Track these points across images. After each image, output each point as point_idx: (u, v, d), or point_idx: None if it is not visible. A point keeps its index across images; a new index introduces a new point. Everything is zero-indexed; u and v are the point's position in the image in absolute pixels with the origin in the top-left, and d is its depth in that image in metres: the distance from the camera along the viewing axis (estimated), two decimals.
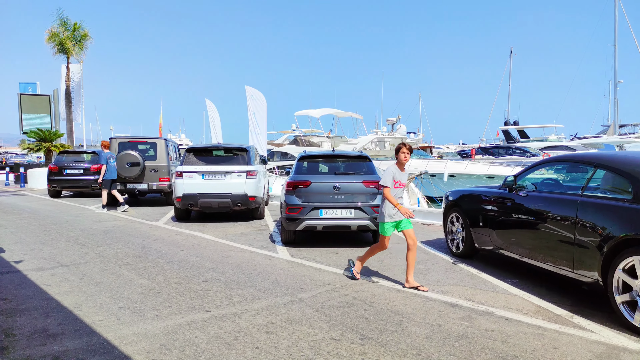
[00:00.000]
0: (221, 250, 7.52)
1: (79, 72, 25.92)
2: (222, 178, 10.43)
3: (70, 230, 9.41)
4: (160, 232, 9.32)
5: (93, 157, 17.14)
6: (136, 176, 13.44)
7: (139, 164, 13.38)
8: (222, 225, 10.27)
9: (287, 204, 7.58)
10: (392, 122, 22.58)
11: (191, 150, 10.80)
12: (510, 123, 55.50)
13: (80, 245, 7.91)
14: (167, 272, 6.11)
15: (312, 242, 8.26)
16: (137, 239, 8.52)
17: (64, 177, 16.25)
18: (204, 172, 10.39)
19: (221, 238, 8.67)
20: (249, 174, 10.54)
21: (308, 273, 6.07)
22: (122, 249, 7.56)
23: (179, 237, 8.76)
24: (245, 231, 9.47)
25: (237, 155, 10.80)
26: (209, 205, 10.37)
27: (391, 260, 6.90)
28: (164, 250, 7.48)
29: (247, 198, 10.47)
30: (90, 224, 10.28)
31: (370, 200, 7.51)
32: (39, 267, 6.35)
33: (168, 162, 14.01)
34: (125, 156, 13.34)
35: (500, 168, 25.18)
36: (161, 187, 13.74)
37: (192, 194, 10.31)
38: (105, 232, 9.19)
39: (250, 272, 6.13)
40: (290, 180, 7.68)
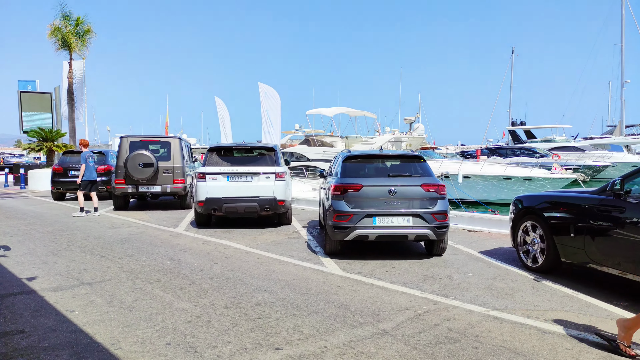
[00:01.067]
0: (260, 264, 6.61)
1: (81, 69, 24.93)
2: (249, 180, 9.52)
3: (84, 239, 8.48)
4: (184, 240, 8.40)
5: (99, 157, 16.18)
6: (149, 178, 12.51)
7: (152, 165, 12.45)
8: (249, 232, 9.36)
9: (334, 211, 6.68)
10: (410, 121, 21.70)
11: (214, 150, 9.88)
12: (517, 123, 54.78)
13: (99, 257, 6.99)
14: (209, 292, 5.20)
15: (359, 252, 7.37)
16: (160, 249, 7.60)
17: (70, 179, 15.30)
18: (229, 173, 9.48)
19: (254, 247, 7.76)
20: (277, 176, 9.63)
21: (375, 294, 5.17)
22: (147, 262, 6.65)
23: (206, 246, 7.85)
24: (278, 239, 8.56)
25: (265, 156, 9.89)
26: (234, 210, 9.45)
27: (460, 275, 6.01)
28: (196, 264, 6.57)
29: (276, 202, 9.56)
30: (104, 231, 9.35)
31: (430, 206, 6.62)
32: (57, 285, 5.43)
33: (183, 163, 13.09)
34: (138, 156, 12.40)
35: (517, 169, 24.38)
36: (175, 189, 12.82)
37: (217, 198, 9.39)
38: (123, 241, 8.26)
39: (305, 292, 5.23)
40: (337, 184, 6.78)
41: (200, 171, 9.56)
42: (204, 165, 9.69)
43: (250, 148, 10.11)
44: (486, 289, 5.38)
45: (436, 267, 6.41)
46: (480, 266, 6.48)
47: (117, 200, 12.92)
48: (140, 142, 12.98)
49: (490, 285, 5.51)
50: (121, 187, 12.59)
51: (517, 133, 52.41)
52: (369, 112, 24.21)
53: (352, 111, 24.13)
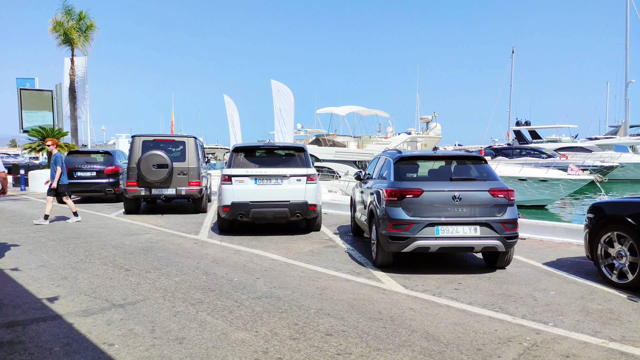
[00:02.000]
0: (308, 279, 5.87)
1: (83, 65, 24.08)
2: (279, 183, 8.78)
3: (101, 248, 7.71)
4: (212, 249, 7.65)
5: (106, 157, 15.39)
6: (163, 180, 11.73)
7: (167, 166, 11.67)
8: (279, 239, 8.61)
9: (390, 219, 5.94)
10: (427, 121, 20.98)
11: (240, 150, 9.12)
12: (522, 123, 54.20)
13: (124, 270, 6.23)
14: (264, 316, 4.46)
15: (412, 265, 6.64)
16: (189, 260, 6.85)
17: (75, 181, 14.48)
18: (257, 176, 8.73)
19: (292, 258, 7.02)
20: (309, 179, 8.89)
21: (459, 319, 4.44)
22: (180, 277, 5.89)
23: (239, 257, 7.10)
24: (314, 248, 7.82)
25: (294, 156, 9.14)
26: (262, 215, 8.71)
27: (541, 294, 5.28)
28: (236, 279, 5.82)
29: (308, 207, 8.82)
30: (120, 239, 8.58)
31: (500, 213, 5.90)
32: (85, 308, 4.67)
33: (199, 164, 12.32)
34: (151, 157, 11.62)
35: (531, 170, 23.71)
36: (191, 192, 12.04)
37: (244, 202, 8.64)
38: (145, 251, 7.50)
39: (375, 316, 4.50)
40: (393, 188, 6.04)
41: (225, 173, 8.80)
42: (229, 166, 8.93)
43: (278, 148, 9.36)
44: (583, 312, 4.67)
45: (509, 284, 5.69)
46: (556, 282, 5.77)
47: (129, 204, 12.14)
48: (154, 142, 12.19)
49: (584, 307, 4.80)
50: (133, 190, 11.80)
51: (522, 133, 51.87)
52: (382, 111, 23.49)
53: (364, 110, 23.38)
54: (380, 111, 23.57)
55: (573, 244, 8.06)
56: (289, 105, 17.99)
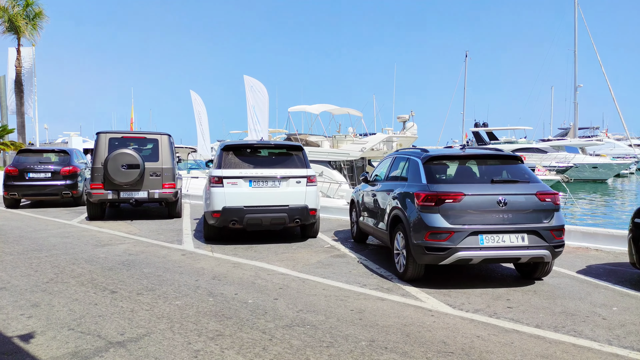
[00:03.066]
0: (334, 298, 5.04)
1: (30, 56, 21.95)
2: (276, 186, 7.87)
3: (72, 262, 6.53)
4: (206, 262, 6.65)
5: (62, 157, 13.84)
6: (134, 182, 10.51)
7: (138, 167, 10.46)
8: (277, 248, 7.71)
9: (427, 227, 5.21)
10: (404, 120, 20.60)
11: (231, 149, 8.12)
12: (480, 124, 55.41)
13: (109, 292, 5.15)
14: (308, 352, 3.59)
15: (439, 277, 5.94)
16: (184, 277, 5.84)
17: (27, 183, 12.90)
18: (252, 177, 7.78)
19: (303, 272, 6.16)
20: (309, 180, 8.04)
21: (544, 350, 3.75)
22: (181, 299, 4.90)
23: (242, 271, 6.15)
24: (321, 258, 6.98)
25: (292, 156, 8.24)
26: (258, 222, 7.77)
27: (603, 310, 4.70)
28: (250, 300, 4.90)
29: (308, 212, 7.97)
30: (92, 250, 7.39)
31: (547, 220, 5.30)
32: (74, 350, 3.62)
33: (173, 165, 11.16)
34: (120, 156, 10.37)
35: None
36: (165, 195, 10.87)
37: (237, 208, 7.67)
38: (126, 265, 6.40)
39: (443, 349, 3.73)
40: (429, 192, 5.31)
41: (215, 175, 7.79)
42: (218, 167, 7.92)
43: (274, 147, 8.44)
44: None
45: (561, 299, 5.08)
46: (608, 295, 5.22)
47: (93, 209, 10.80)
48: (122, 139, 10.93)
49: None
50: (99, 193, 10.51)
51: (480, 134, 53.01)
52: (354, 110, 22.85)
53: (336, 109, 22.69)
54: (353, 110, 22.96)
55: (591, 249, 7.64)
56: (263, 102, 17.01)
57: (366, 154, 19.34)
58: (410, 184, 5.83)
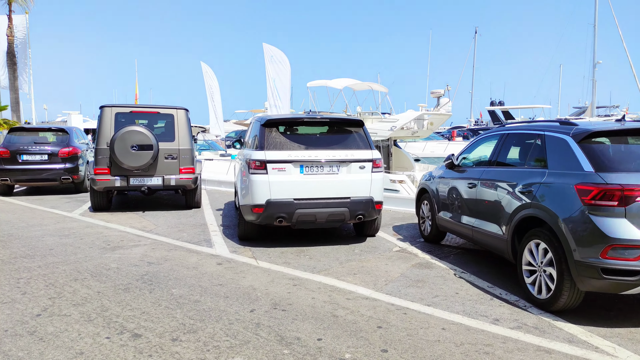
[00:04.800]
0: (471, 349, 3.33)
1: (23, 25, 19.96)
2: (335, 172, 6.11)
3: (74, 278, 4.83)
4: (255, 277, 4.94)
5: (60, 136, 12.05)
6: (146, 166, 8.76)
7: (152, 148, 8.69)
8: (335, 252, 5.99)
9: (607, 238, 3.47)
10: (439, 95, 18.67)
11: (274, 124, 6.32)
12: (496, 103, 53.23)
13: (128, 335, 3.44)
14: None
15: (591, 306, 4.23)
16: (233, 304, 4.13)
17: (20, 167, 11.15)
18: (304, 161, 6.01)
19: (393, 294, 4.45)
20: (375, 165, 6.28)
21: None
22: (243, 351, 3.20)
23: (309, 293, 4.45)
24: (402, 270, 5.27)
25: (352, 133, 6.45)
26: (311, 219, 6.04)
27: None
28: (347, 355, 3.20)
29: (374, 205, 6.24)
30: (100, 257, 5.68)
31: None
32: None
33: (192, 145, 9.39)
34: (130, 135, 8.59)
35: None
36: (183, 181, 9.12)
37: (285, 201, 5.93)
38: (147, 282, 4.69)
39: None
40: (606, 185, 3.56)
41: (257, 158, 6.02)
42: (260, 148, 6.14)
43: (329, 122, 6.64)
44: None
45: None
46: None
47: (98, 198, 9.07)
48: (131, 114, 9.14)
49: None
50: (104, 180, 8.76)
51: (497, 113, 50.94)
52: (379, 85, 20.84)
53: (358, 83, 20.73)
54: (378, 85, 20.99)
55: None
56: (284, 74, 15.13)
57: (396, 134, 17.51)
58: (559, 172, 4.05)
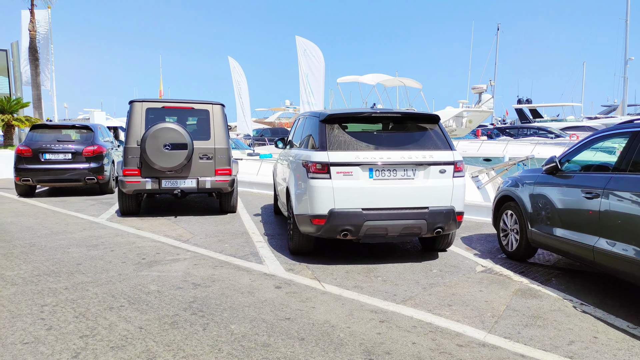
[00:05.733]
0: None
1: (46, 20, 19.40)
2: (410, 177, 5.16)
3: (108, 304, 3.97)
4: (327, 308, 4.02)
5: (84, 134, 11.33)
6: (179, 167, 7.92)
7: (186, 147, 7.85)
8: (409, 271, 5.05)
9: None
10: (481, 91, 17.51)
11: (336, 120, 5.39)
12: (524, 101, 51.50)
13: None
14: None
15: None
16: (314, 350, 3.22)
17: (43, 166, 10.44)
18: (374, 164, 5.07)
19: (513, 339, 3.50)
20: (457, 169, 5.31)
21: None
22: None
23: (404, 335, 3.51)
24: (505, 300, 4.30)
25: (427, 131, 5.48)
26: (382, 232, 5.10)
27: None
28: None
29: (455, 217, 5.26)
30: (134, 274, 4.83)
31: None
32: None
33: (228, 143, 8.53)
34: (162, 132, 7.76)
35: None
36: (219, 184, 8.26)
37: (352, 211, 5.00)
38: (198, 312, 3.81)
39: None
40: None
41: (318, 159, 5.09)
42: (321, 147, 5.21)
43: (399, 117, 5.67)
44: None
45: None
46: None
47: (126, 201, 8.27)
48: (163, 110, 8.31)
49: None
50: (134, 182, 7.94)
51: (524, 111, 49.28)
52: (412, 80, 19.74)
53: (390, 79, 19.68)
54: (411, 80, 19.89)
55: None
56: (318, 69, 14.22)
57: None
58: None
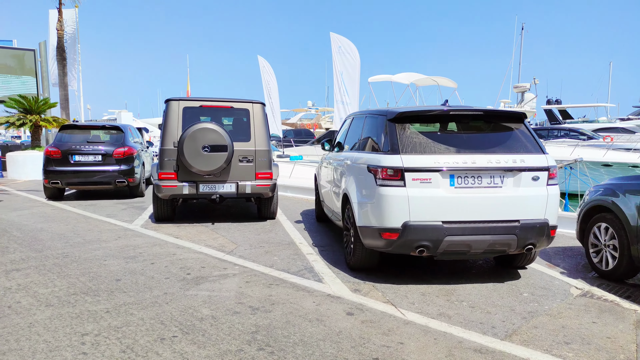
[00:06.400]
0: None
1: (73, 20, 19.17)
2: (497, 184, 4.46)
3: (158, 334, 3.37)
4: (418, 343, 3.36)
5: (114, 135, 10.87)
6: (219, 170, 7.35)
7: (226, 149, 7.28)
8: (487, 293, 4.35)
9: None
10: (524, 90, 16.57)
11: (407, 119, 4.72)
12: (553, 101, 50.02)
13: None
14: None
15: None
16: None
17: (72, 168, 10.00)
18: (455, 170, 4.39)
19: None
20: (550, 175, 4.59)
21: None
22: None
23: None
24: (627, 333, 3.57)
25: (512, 131, 4.77)
26: (464, 249, 4.41)
27: None
28: None
29: (549, 231, 4.54)
30: (181, 293, 4.23)
31: None
32: None
33: (269, 146, 7.94)
34: (201, 134, 7.20)
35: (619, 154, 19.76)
36: (259, 189, 7.67)
37: (431, 225, 4.32)
38: (266, 349, 3.18)
39: None
40: None
41: (390, 164, 4.43)
42: (393, 150, 4.54)
43: (484, 114, 4.96)
44: None
45: None
46: None
47: (162, 207, 7.73)
48: (201, 109, 7.76)
49: None
50: (170, 186, 7.40)
51: (554, 112, 47.83)
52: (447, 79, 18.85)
53: (423, 78, 18.91)
54: (445, 79, 19.02)
55: None
56: (353, 68, 13.56)
57: None
58: None
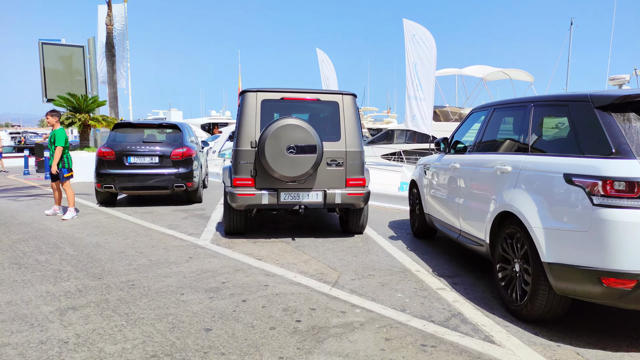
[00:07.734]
0: None
1: (122, 15, 18.49)
2: None
3: None
4: None
5: (171, 134, 9.81)
6: (305, 176, 6.05)
7: (315, 150, 5.97)
8: None
9: None
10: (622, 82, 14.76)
11: (627, 105, 3.27)
12: None
13: None
14: None
15: None
16: None
17: (127, 171, 8.97)
18: None
19: None
20: None
21: None
22: None
23: None
24: None
25: None
26: None
27: None
28: None
29: None
30: (303, 357, 2.92)
31: None
32: None
33: (362, 146, 6.59)
34: (286, 131, 5.92)
35: None
36: (351, 198, 6.33)
37: None
38: None
39: None
40: None
41: (621, 175, 2.98)
42: (620, 152, 3.09)
43: None
44: None
45: None
46: None
47: (235, 219, 6.51)
48: (282, 102, 6.49)
49: None
50: (247, 194, 6.15)
51: None
52: (522, 72, 16.90)
53: (493, 72, 17.12)
54: (521, 72, 17.07)
55: None
56: (429, 59, 12.04)
57: None
58: None
